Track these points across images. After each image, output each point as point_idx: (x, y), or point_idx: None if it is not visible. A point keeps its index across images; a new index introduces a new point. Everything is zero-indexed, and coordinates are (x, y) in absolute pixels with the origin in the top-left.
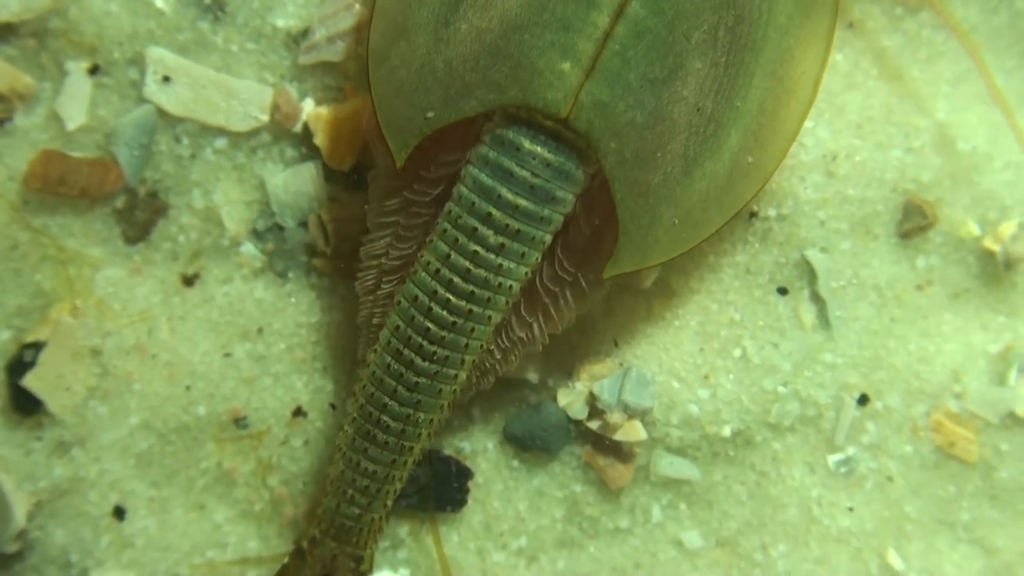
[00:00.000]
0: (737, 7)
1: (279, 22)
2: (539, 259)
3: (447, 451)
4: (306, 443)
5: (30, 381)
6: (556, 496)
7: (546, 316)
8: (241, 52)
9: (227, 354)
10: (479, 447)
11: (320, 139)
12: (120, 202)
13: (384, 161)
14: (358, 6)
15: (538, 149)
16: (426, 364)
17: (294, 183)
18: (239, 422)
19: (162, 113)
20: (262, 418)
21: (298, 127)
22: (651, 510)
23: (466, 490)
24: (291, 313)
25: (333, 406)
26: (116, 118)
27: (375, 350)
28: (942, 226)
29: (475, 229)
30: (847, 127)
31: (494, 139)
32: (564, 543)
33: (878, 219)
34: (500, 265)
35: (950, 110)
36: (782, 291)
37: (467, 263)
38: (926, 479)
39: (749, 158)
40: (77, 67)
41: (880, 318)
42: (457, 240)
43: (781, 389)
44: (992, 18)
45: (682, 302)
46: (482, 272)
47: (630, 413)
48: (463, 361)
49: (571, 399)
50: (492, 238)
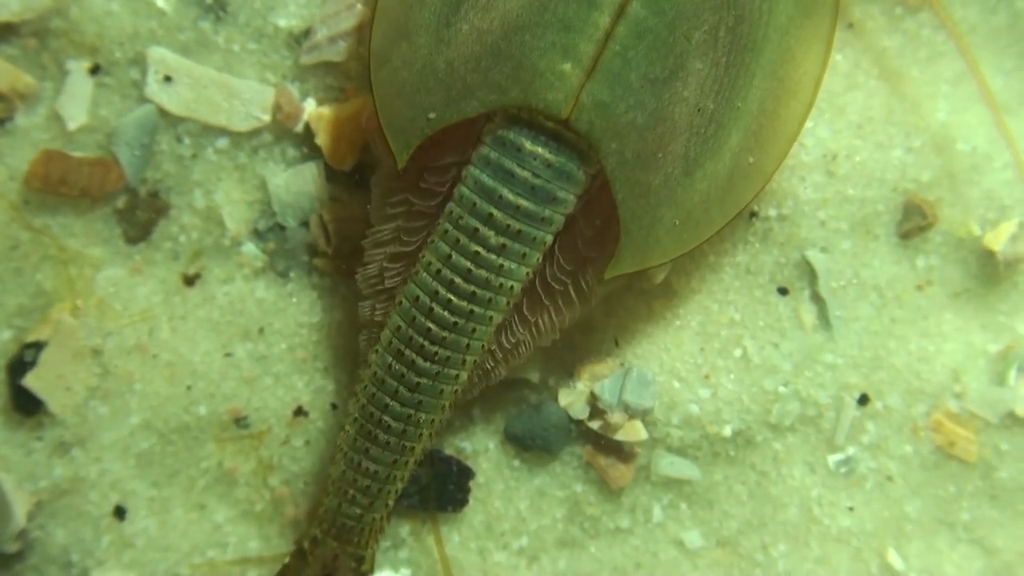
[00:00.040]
0: (738, 7)
1: (281, 22)
2: (540, 260)
3: (448, 451)
4: (307, 443)
5: (31, 381)
6: (557, 496)
7: (547, 316)
8: (243, 52)
9: (228, 354)
10: (480, 447)
11: (322, 139)
12: (121, 202)
13: (386, 162)
14: (360, 6)
15: (539, 150)
16: (427, 364)
17: (295, 183)
18: (240, 422)
19: (163, 113)
20: (263, 418)
21: (299, 127)
22: (652, 510)
23: (467, 490)
24: (292, 313)
25: (334, 406)
26: (117, 118)
27: (376, 350)
28: (942, 226)
29: (476, 230)
30: (847, 127)
31: (495, 140)
32: (565, 543)
33: (878, 219)
34: (501, 266)
35: (950, 110)
36: (782, 291)
37: (468, 264)
38: (926, 479)
39: (750, 158)
40: (78, 67)
41: (880, 318)
42: (458, 241)
43: (782, 389)
44: (991, 18)
45: (683, 302)
46: (483, 273)
47: (631, 413)
48: (464, 361)
49: (572, 399)
50: (493, 239)
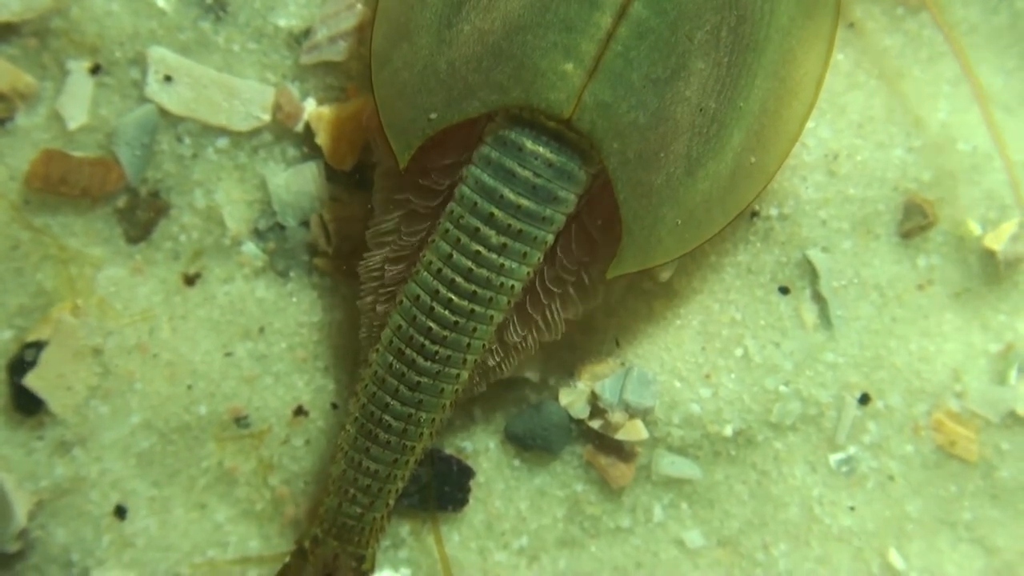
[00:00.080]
0: (739, 8)
1: (281, 22)
2: (541, 259)
3: (449, 450)
4: (307, 442)
5: (31, 380)
6: (557, 495)
7: (548, 316)
8: (243, 52)
9: (228, 353)
10: (481, 446)
11: (322, 139)
12: (121, 202)
13: (387, 162)
14: (360, 6)
15: (540, 149)
16: (428, 363)
17: (296, 183)
18: (240, 421)
19: (164, 113)
20: (263, 417)
21: (300, 127)
22: (652, 509)
23: (467, 489)
24: (292, 312)
25: (335, 405)
26: (117, 118)
27: (377, 349)
28: (943, 225)
29: (477, 229)
30: (848, 127)
31: (496, 139)
32: (565, 542)
33: (879, 218)
34: (502, 265)
35: (951, 110)
36: (784, 290)
37: (469, 263)
38: (927, 478)
39: (752, 158)
40: (78, 67)
41: (881, 317)
42: (459, 240)
43: (782, 388)
44: (992, 18)
45: (684, 301)
46: (484, 272)
47: (631, 412)
48: (465, 360)
49: (572, 398)
50: (494, 238)
